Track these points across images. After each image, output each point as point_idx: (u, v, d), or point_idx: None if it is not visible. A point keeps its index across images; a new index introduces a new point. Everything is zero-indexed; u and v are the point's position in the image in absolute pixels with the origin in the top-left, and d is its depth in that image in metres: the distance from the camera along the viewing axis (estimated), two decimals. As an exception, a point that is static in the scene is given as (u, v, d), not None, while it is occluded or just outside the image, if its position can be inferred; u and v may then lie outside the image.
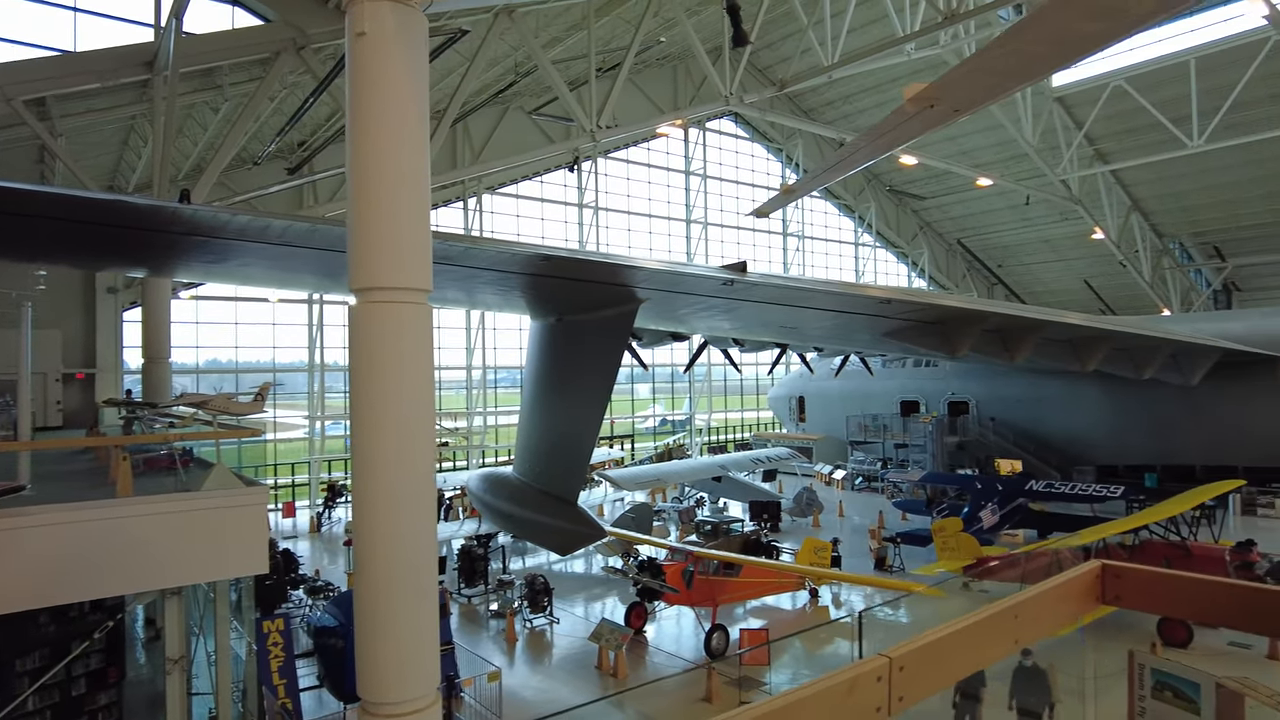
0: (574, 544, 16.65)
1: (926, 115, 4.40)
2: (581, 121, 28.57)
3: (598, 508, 32.84)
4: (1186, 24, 41.11)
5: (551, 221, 42.77)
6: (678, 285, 14.66)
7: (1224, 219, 49.90)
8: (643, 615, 17.81)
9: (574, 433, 15.13)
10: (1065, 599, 2.53)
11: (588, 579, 23.77)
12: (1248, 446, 29.69)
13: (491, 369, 41.03)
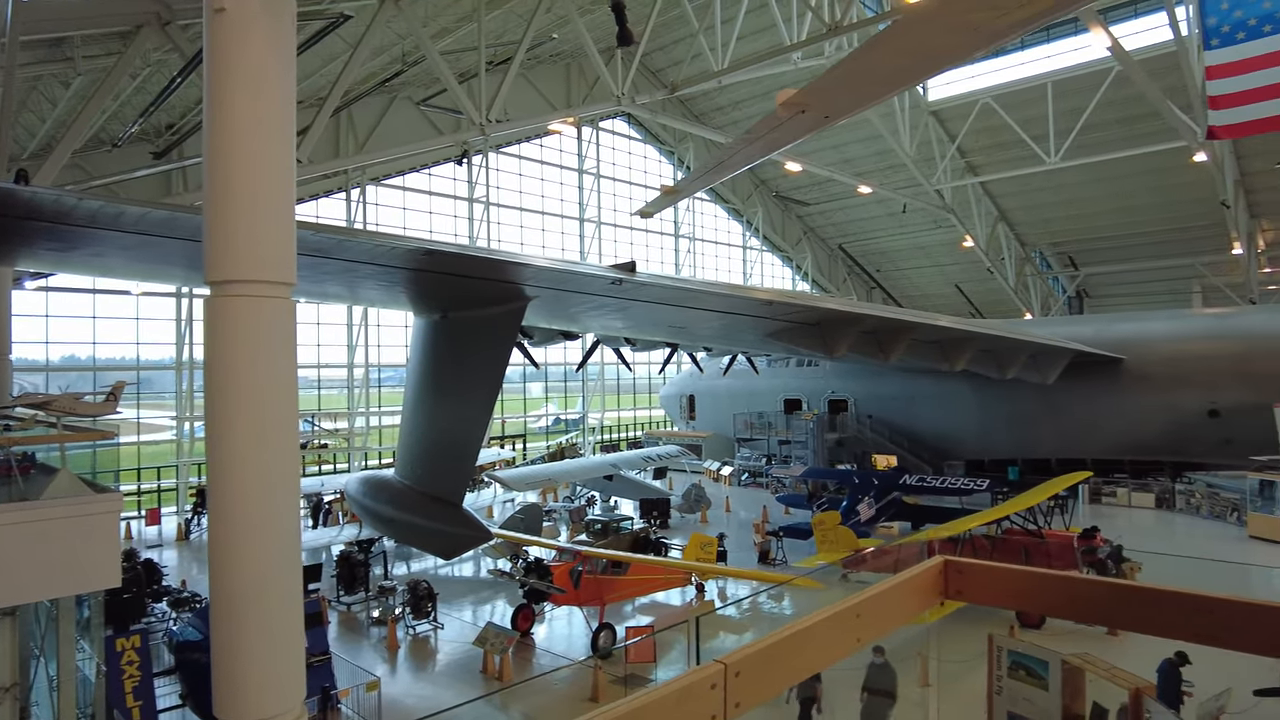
0: (458, 548, 16.28)
1: (799, 121, 4.50)
2: (471, 114, 27.99)
3: (487, 509, 32.29)
4: (1044, 50, 44.34)
5: (440, 215, 41.75)
6: (567, 284, 14.56)
7: (1077, 231, 54.03)
8: (530, 617, 17.62)
9: (458, 434, 14.78)
10: (909, 595, 2.61)
11: (475, 583, 23.32)
12: (1095, 440, 32.26)
13: (375, 367, 39.66)
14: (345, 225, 36.52)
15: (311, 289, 17.18)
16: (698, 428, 46.92)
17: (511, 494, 33.45)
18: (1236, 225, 43.45)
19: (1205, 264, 50.56)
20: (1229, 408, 28.93)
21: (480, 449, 18.57)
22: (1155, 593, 2.31)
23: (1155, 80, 30.78)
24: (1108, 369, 31.17)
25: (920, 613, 2.68)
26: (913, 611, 2.62)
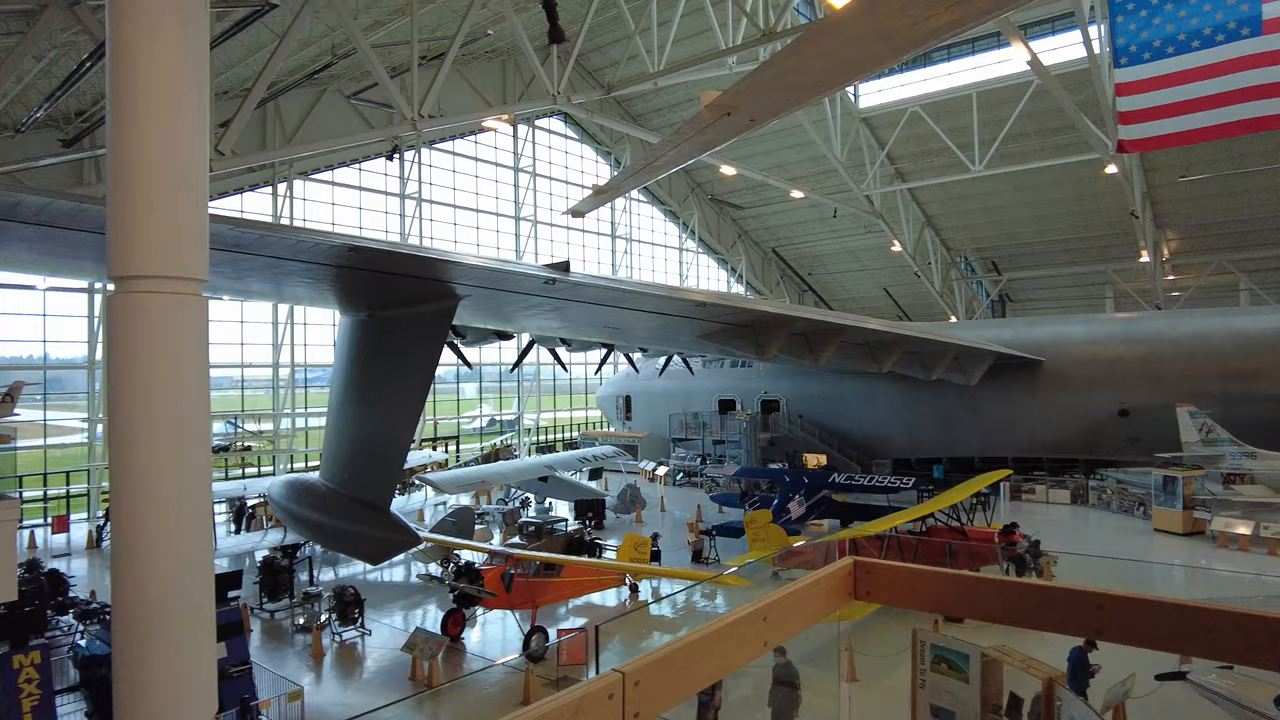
0: (386, 552, 15.91)
1: (725, 123, 4.52)
2: (403, 109, 27.41)
3: (417, 512, 31.70)
4: (970, 61, 45.89)
5: (371, 212, 40.82)
6: (499, 282, 14.36)
7: (999, 237, 56.06)
8: (460, 622, 17.34)
9: (386, 436, 14.44)
10: (817, 597, 2.62)
11: (404, 587, 22.85)
12: (1015, 439, 33.51)
13: (301, 367, 38.51)
14: (270, 220, 35.37)
15: (233, 286, 16.57)
16: (634, 428, 47.00)
17: (443, 497, 32.91)
18: (1144, 235, 45.74)
19: (1116, 271, 53.09)
20: (1137, 408, 30.40)
21: (408, 451, 18.21)
22: (1058, 591, 2.38)
23: (1071, 95, 32.11)
24: (1027, 371, 32.41)
25: (829, 614, 2.69)
26: (821, 613, 2.62)
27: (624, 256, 55.90)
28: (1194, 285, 52.10)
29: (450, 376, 46.40)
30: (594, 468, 34.99)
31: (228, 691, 12.90)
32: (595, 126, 51.90)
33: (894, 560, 16.59)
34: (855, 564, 2.73)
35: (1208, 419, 26.21)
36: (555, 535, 22.93)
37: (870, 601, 2.82)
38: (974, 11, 3.50)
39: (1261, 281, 49.52)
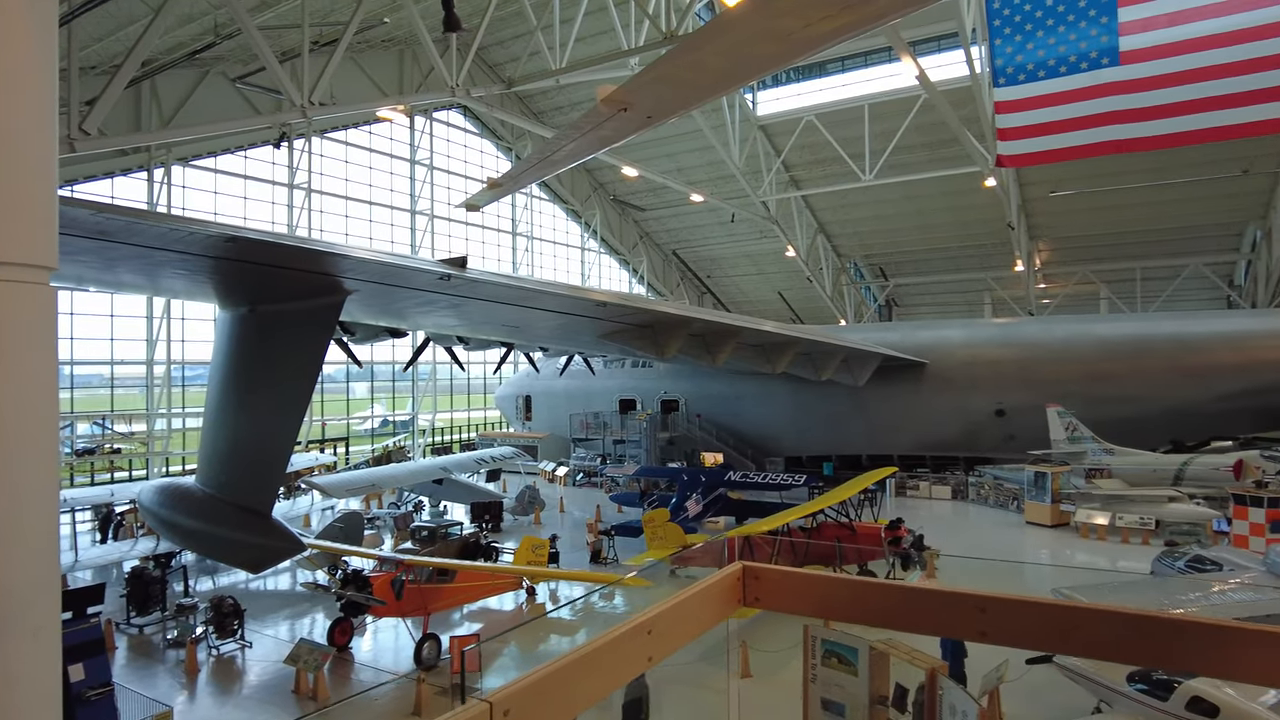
0: (267, 560, 15.07)
1: (622, 119, 4.45)
2: (292, 96, 26.15)
3: (303, 518, 30.32)
4: (863, 74, 47.69)
5: (257, 202, 38.81)
6: (390, 277, 13.84)
7: (887, 244, 58.51)
8: (348, 631, 16.64)
9: (267, 437, 13.67)
10: (705, 605, 2.55)
11: (288, 596, 21.76)
12: (901, 437, 35.01)
13: (179, 364, 36.22)
14: (145, 207, 33.07)
15: (100, 277, 15.36)
16: (534, 428, 46.51)
17: (331, 501, 31.59)
18: (1019, 245, 48.71)
19: (994, 278, 56.29)
20: (1012, 407, 32.29)
21: (292, 454, 17.34)
22: (942, 595, 2.41)
23: (955, 110, 33.82)
24: (912, 372, 33.91)
25: (718, 622, 2.64)
26: (710, 622, 2.56)
27: (525, 254, 55.28)
28: (1062, 294, 55.89)
29: (340, 375, 44.67)
30: (492, 469, 34.35)
31: (85, 717, 11.92)
32: (496, 121, 51.10)
33: (786, 555, 16.86)
34: (743, 570, 2.69)
35: (1073, 418, 28.09)
36: (450, 539, 22.36)
37: (759, 607, 2.79)
38: (865, 17, 3.54)
39: (1118, 291, 53.60)
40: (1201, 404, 30.00)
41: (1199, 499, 24.03)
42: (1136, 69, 25.64)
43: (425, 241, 46.95)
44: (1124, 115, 26.40)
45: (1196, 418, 30.37)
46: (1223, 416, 30.30)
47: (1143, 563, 18.31)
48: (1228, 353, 29.78)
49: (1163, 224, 49.33)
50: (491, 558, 21.80)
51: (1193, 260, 51.03)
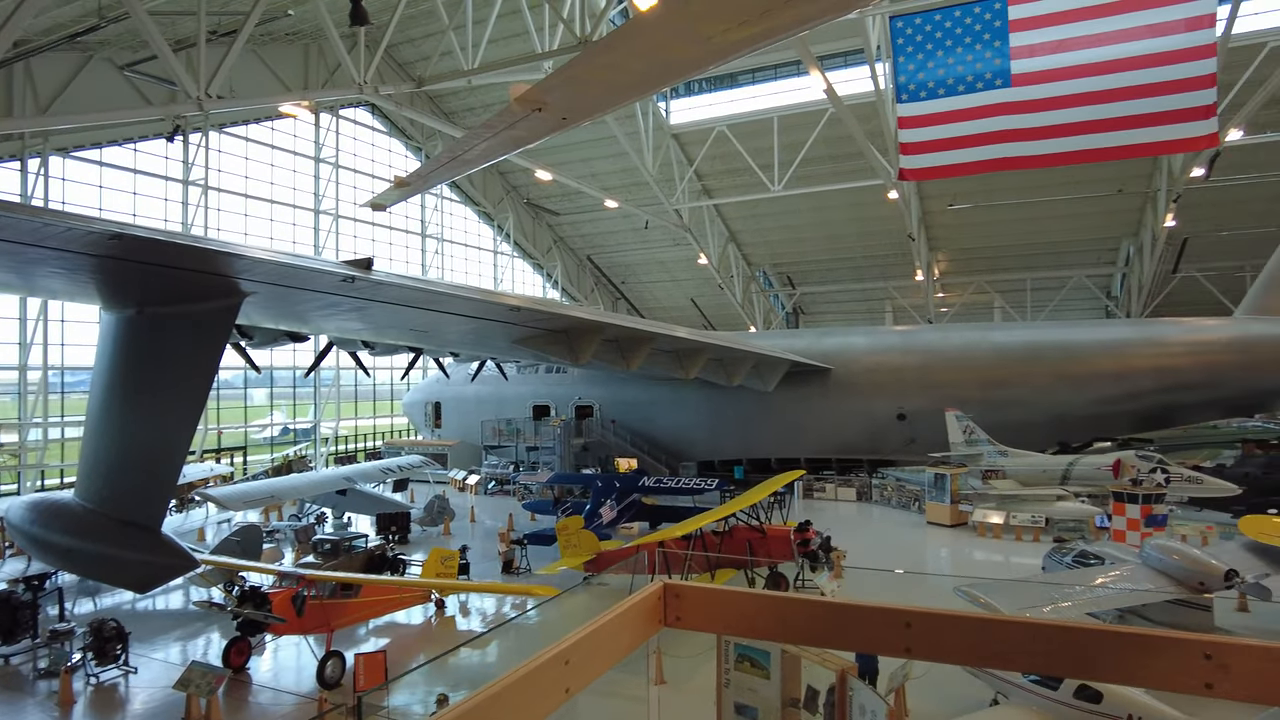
0: (156, 579, 14.15)
1: (537, 119, 4.34)
2: (187, 87, 24.80)
3: (197, 532, 28.76)
4: (773, 86, 48.85)
5: (148, 198, 36.63)
6: (290, 279, 13.23)
7: (795, 254, 60.06)
8: (245, 651, 15.79)
9: (156, 447, 12.84)
10: (626, 628, 2.47)
11: (180, 616, 20.53)
12: (808, 441, 35.89)
13: (57, 369, 33.79)
14: (18, 200, 30.72)
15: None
16: (443, 436, 45.52)
17: (227, 514, 30.07)
18: (919, 256, 50.81)
19: (896, 287, 58.55)
20: (913, 411, 33.56)
21: (183, 464, 16.39)
22: (867, 610, 2.40)
23: (860, 124, 35.00)
24: (818, 378, 34.83)
25: (638, 646, 2.56)
26: (631, 645, 2.48)
27: (434, 257, 54.13)
28: (959, 303, 58.61)
29: (238, 381, 42.66)
30: (399, 479, 33.39)
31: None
32: (405, 120, 49.89)
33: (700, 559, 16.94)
34: (664, 588, 2.62)
35: (970, 421, 29.41)
36: (354, 552, 21.55)
37: (681, 627, 2.73)
38: (779, 26, 3.56)
39: (1010, 301, 56.59)
40: (1084, 407, 31.92)
41: (1083, 497, 25.51)
42: (1026, 91, 27.22)
43: (329, 243, 45.37)
44: (1015, 134, 27.98)
45: (1080, 421, 32.30)
46: (1103, 419, 32.33)
47: (1035, 559, 19.29)
48: (1107, 360, 31.79)
49: (1049, 238, 52.44)
50: (399, 571, 21.13)
51: (1076, 272, 54.42)
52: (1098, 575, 13.57)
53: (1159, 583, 13.01)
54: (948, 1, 28.05)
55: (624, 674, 10.82)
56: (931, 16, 27.49)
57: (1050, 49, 26.52)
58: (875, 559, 22.99)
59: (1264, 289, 29.83)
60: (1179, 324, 32.78)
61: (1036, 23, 26.39)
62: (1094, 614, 13.86)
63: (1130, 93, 26.22)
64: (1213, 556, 13.44)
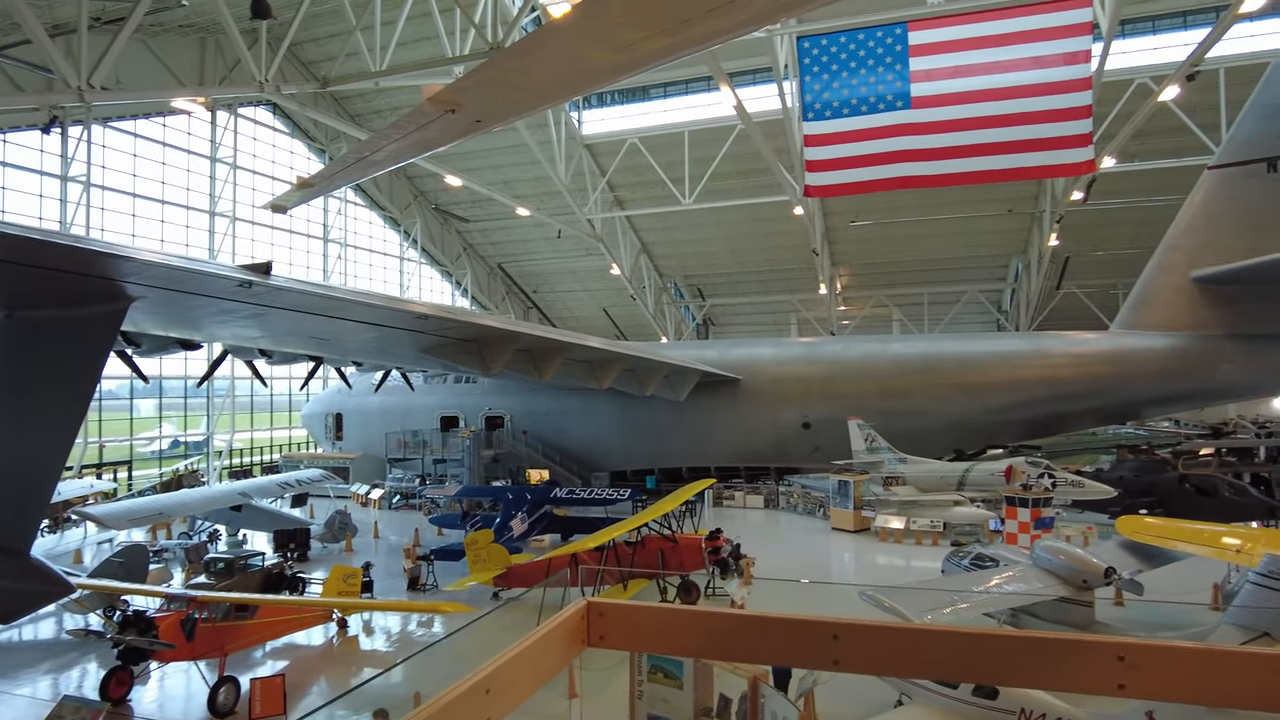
0: (23, 607, 13.04)
1: (450, 121, 4.20)
2: (66, 76, 23.19)
3: (74, 554, 26.79)
4: (685, 101, 49.58)
5: (20, 193, 34.05)
6: (180, 283, 12.48)
7: (705, 266, 61.01)
8: (126, 681, 14.72)
9: (26, 463, 11.84)
10: (549, 651, 2.37)
11: (53, 647, 18.96)
12: (718, 450, 36.36)
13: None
14: None
15: None
16: (345, 448, 43.96)
17: (110, 533, 28.14)
18: (822, 270, 52.40)
19: (800, 300, 60.20)
20: (817, 420, 34.47)
21: (58, 481, 15.20)
22: (794, 624, 2.38)
23: (768, 141, 35.86)
24: (728, 387, 35.38)
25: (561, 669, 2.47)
26: (555, 669, 2.38)
27: (338, 262, 52.37)
28: (860, 315, 60.78)
29: (123, 391, 40.04)
30: (298, 494, 31.99)
31: None
32: (309, 121, 48.16)
33: (612, 571, 16.84)
34: (588, 607, 2.54)
35: (872, 429, 30.41)
36: (250, 571, 20.49)
37: (605, 647, 2.65)
38: (696, 37, 3.57)
39: (908, 314, 59.04)
40: (978, 416, 33.51)
41: (978, 502, 26.73)
42: (925, 113, 28.50)
43: (226, 246, 43.27)
44: (914, 154, 29.24)
45: (974, 429, 33.89)
46: (995, 427, 34.03)
47: (934, 561, 20.06)
48: (999, 371, 33.50)
49: (945, 254, 55.04)
50: (298, 589, 20.22)
51: (969, 287, 57.27)
52: (993, 576, 14.20)
53: (1048, 582, 13.72)
54: (853, 24, 29.10)
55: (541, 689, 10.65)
56: (837, 38, 28.47)
57: (947, 74, 27.87)
58: (783, 565, 23.44)
59: (1135, 306, 32.07)
60: (1062, 337, 34.86)
61: (934, 48, 27.69)
62: (990, 614, 14.50)
63: (1017, 119, 27.83)
64: (1094, 555, 14.27)
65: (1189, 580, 17.66)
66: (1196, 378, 29.98)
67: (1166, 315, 30.49)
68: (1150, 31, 41.92)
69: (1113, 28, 29.16)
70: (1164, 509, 24.60)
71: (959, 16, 28.24)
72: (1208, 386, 30.33)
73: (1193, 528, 16.52)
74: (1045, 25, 26.93)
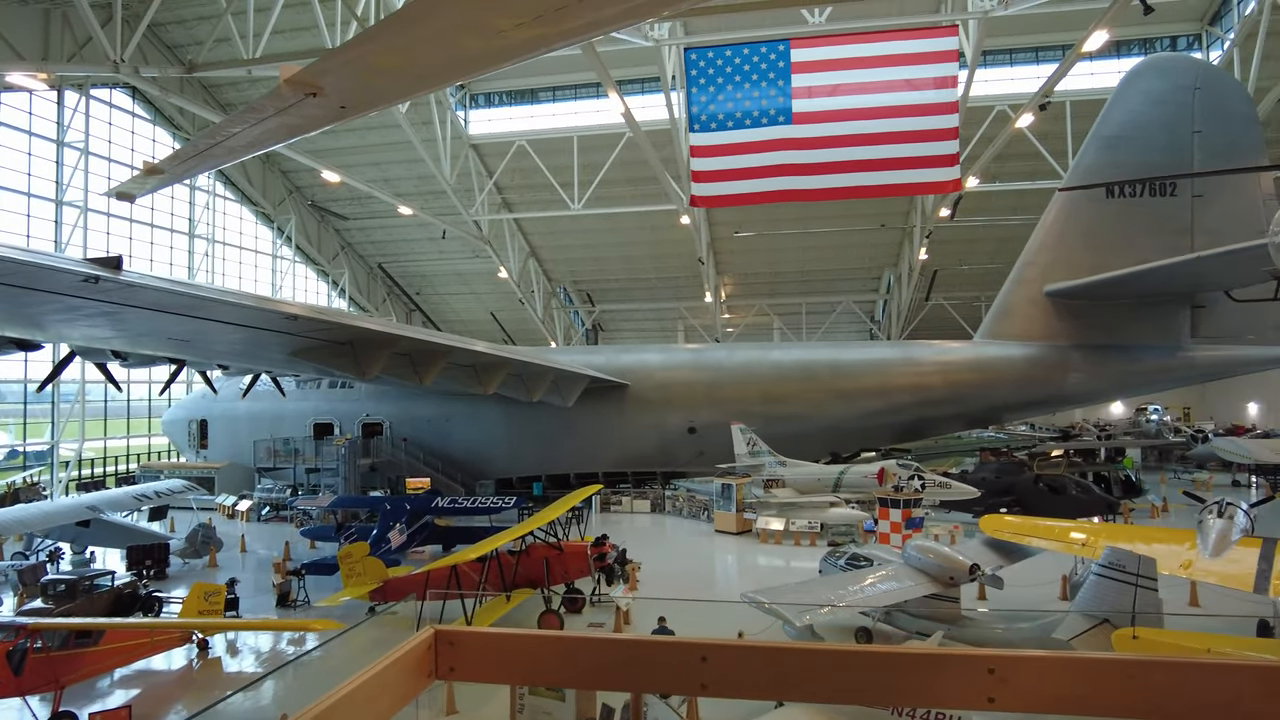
0: None
1: (312, 106, 3.90)
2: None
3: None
4: (573, 106, 49.52)
5: None
6: (15, 277, 11.30)
7: (594, 272, 61.07)
8: (-61, 721, 13.18)
9: None
10: (388, 687, 2.16)
11: None
12: (606, 455, 36.34)
13: None
14: None
15: None
16: (210, 458, 41.22)
17: (-73, 554, 25.27)
18: (708, 279, 53.47)
19: (687, 308, 61.24)
20: (702, 425, 35.02)
21: None
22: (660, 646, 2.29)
23: (656, 150, 36.26)
24: (615, 393, 35.43)
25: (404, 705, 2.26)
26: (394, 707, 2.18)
27: (204, 259, 49.18)
28: (743, 323, 62.37)
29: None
30: (156, 506, 29.70)
31: None
32: (173, 108, 45.02)
33: (495, 581, 16.45)
34: (435, 635, 2.34)
35: (753, 434, 31.17)
36: (97, 592, 18.82)
37: (455, 679, 2.46)
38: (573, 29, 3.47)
39: (788, 323, 61.12)
40: (852, 421, 34.94)
41: (853, 503, 27.83)
42: (805, 129, 29.54)
43: (76, 238, 39.74)
44: (795, 169, 30.26)
45: (849, 433, 35.32)
46: (868, 431, 35.58)
47: (812, 562, 20.69)
48: (872, 378, 35.05)
49: (822, 266, 57.32)
50: (154, 610, 18.73)
51: (845, 298, 59.85)
52: (867, 576, 14.75)
53: (918, 579, 14.37)
54: (739, 38, 29.84)
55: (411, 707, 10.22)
56: (723, 51, 29.09)
57: (826, 92, 29.00)
58: (668, 568, 23.61)
59: (995, 317, 34.30)
60: (930, 346, 36.86)
61: (815, 67, 28.74)
62: (865, 612, 15.06)
63: (890, 138, 29.30)
64: (959, 553, 15.08)
65: (1042, 573, 18.98)
66: (1050, 385, 32.34)
67: (1024, 326, 32.76)
68: (1008, 63, 45.12)
69: (976, 57, 31.11)
70: (1021, 507, 26.37)
71: (838, 36, 29.45)
72: (1059, 393, 32.77)
73: (1045, 524, 17.75)
74: (917, 50, 28.45)
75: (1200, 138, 30.43)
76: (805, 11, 31.82)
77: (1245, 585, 13.85)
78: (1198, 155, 30.39)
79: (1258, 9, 36.50)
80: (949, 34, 28.60)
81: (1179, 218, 30.62)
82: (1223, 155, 29.89)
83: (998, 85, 43.98)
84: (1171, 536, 15.77)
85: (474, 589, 16.63)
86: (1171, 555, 14.52)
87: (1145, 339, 31.13)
